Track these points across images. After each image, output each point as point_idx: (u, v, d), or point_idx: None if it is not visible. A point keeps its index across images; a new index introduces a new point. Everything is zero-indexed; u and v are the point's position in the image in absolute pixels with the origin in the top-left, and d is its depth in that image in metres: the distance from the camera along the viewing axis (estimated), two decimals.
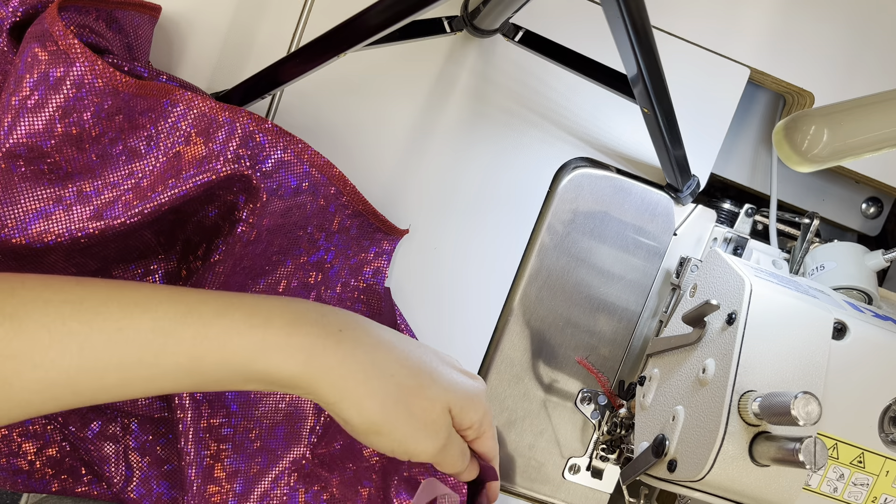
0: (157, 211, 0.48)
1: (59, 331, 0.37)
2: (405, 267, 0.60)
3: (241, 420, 0.55)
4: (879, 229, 0.72)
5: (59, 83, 0.43)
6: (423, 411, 0.42)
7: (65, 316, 0.37)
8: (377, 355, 0.41)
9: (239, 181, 0.50)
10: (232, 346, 0.39)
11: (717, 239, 0.63)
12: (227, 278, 0.52)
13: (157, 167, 0.48)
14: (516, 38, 0.56)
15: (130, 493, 0.53)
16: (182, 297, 0.40)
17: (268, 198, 0.50)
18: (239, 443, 0.54)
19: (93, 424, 0.54)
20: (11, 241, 0.44)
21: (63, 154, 0.45)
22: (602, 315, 0.62)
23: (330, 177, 0.53)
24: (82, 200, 0.46)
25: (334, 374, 0.40)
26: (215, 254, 0.51)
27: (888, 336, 0.51)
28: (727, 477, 0.46)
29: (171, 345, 0.38)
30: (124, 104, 0.46)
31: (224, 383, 0.40)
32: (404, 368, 0.41)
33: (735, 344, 0.47)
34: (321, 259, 0.56)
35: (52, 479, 0.53)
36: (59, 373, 0.37)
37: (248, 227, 0.50)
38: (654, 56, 0.46)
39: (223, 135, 0.50)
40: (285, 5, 0.57)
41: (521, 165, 0.61)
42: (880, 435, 0.50)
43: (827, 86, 0.62)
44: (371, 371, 0.40)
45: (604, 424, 0.63)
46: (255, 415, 0.55)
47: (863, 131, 0.41)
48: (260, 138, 0.50)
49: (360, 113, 0.59)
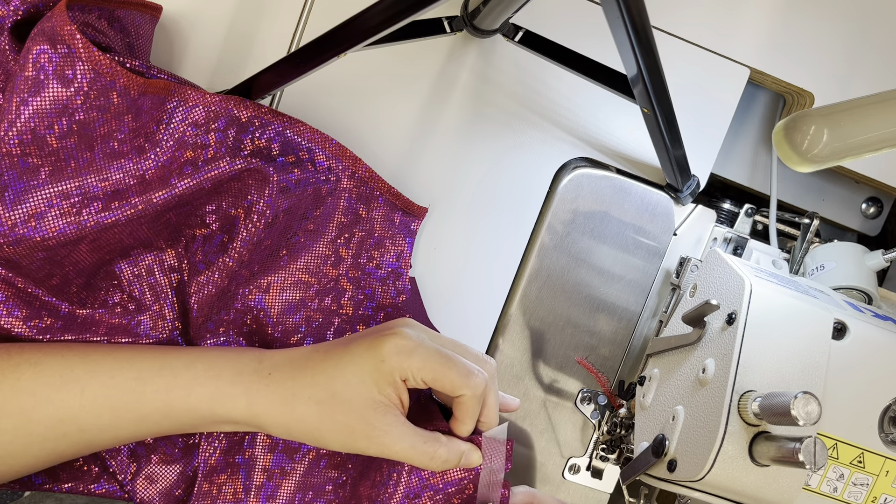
0: (168, 205, 0.48)
1: (68, 376, 0.47)
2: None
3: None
4: (879, 229, 0.72)
5: (68, 82, 0.43)
6: (344, 414, 0.47)
7: (73, 365, 0.47)
8: (296, 385, 0.48)
9: (250, 174, 0.50)
10: (195, 394, 0.48)
11: (717, 239, 0.63)
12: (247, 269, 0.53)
13: (166, 163, 0.48)
14: (516, 39, 0.56)
15: (137, 486, 0.53)
16: (161, 353, 0.49)
17: (280, 188, 0.51)
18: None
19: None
20: (21, 237, 0.45)
21: (71, 152, 0.45)
22: (602, 315, 0.62)
23: (344, 159, 0.54)
24: (90, 197, 0.47)
25: (271, 411, 0.48)
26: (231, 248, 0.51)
27: (888, 336, 0.51)
28: (727, 477, 0.46)
29: (149, 392, 0.47)
30: (132, 102, 0.46)
31: (197, 426, 0.49)
32: (317, 386, 0.48)
33: (735, 344, 0.47)
34: (340, 244, 0.56)
35: (59, 471, 0.53)
36: (67, 410, 0.46)
37: (261, 217, 0.50)
38: (654, 56, 0.46)
39: (234, 129, 0.50)
40: (285, 5, 0.57)
41: (521, 165, 0.61)
42: (880, 435, 0.50)
43: (827, 86, 0.62)
44: (293, 401, 0.48)
45: (604, 424, 0.63)
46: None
47: (863, 131, 0.41)
48: (272, 128, 0.51)
49: (360, 113, 0.59)
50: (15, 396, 0.46)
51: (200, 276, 0.52)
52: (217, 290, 0.52)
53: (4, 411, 0.46)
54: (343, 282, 0.56)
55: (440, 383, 0.48)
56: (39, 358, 0.47)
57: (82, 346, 0.49)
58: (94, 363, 0.48)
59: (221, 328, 0.54)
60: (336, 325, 0.56)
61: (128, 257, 0.52)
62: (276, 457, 0.54)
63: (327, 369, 0.48)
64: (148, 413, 0.48)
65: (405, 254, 0.58)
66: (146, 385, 0.48)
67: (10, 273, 0.48)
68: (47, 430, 0.46)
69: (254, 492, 0.53)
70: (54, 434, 0.47)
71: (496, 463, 0.51)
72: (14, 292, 0.48)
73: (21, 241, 0.45)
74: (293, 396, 0.48)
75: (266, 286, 0.54)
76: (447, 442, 0.49)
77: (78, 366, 0.47)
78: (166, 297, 0.53)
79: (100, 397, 0.47)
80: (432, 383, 0.48)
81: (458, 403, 0.49)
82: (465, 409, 0.49)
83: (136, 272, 0.53)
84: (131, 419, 0.48)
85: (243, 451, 0.54)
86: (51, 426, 0.46)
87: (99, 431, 0.48)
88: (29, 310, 0.49)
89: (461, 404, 0.49)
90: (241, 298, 0.54)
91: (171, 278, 0.54)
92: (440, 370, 0.47)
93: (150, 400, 0.47)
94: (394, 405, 0.48)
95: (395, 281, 0.58)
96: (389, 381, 0.47)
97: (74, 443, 0.48)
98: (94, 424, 0.47)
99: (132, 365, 0.48)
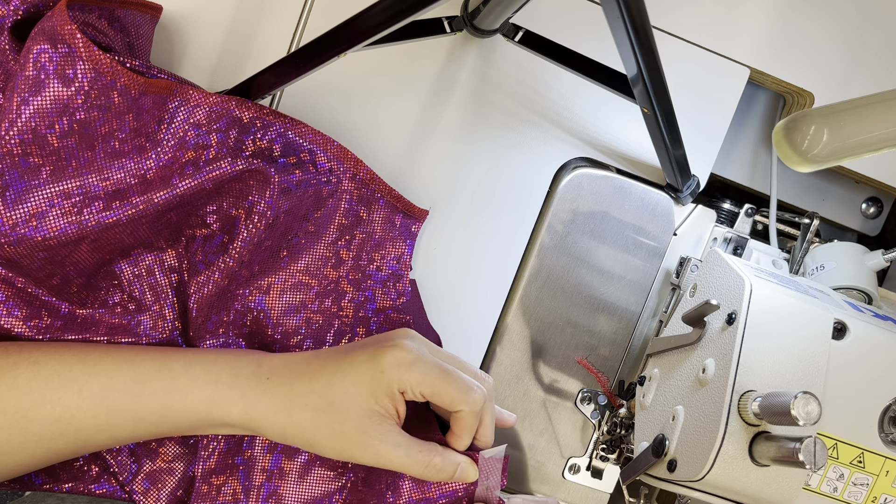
0: (169, 205, 0.49)
1: (66, 376, 0.47)
2: None
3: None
4: (879, 229, 0.72)
5: (69, 82, 0.43)
6: (340, 423, 0.47)
7: (71, 365, 0.47)
8: (293, 392, 0.48)
9: (251, 174, 0.50)
10: (193, 397, 0.48)
11: (716, 239, 0.63)
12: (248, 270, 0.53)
13: (167, 163, 0.48)
14: (516, 38, 0.56)
15: (137, 486, 0.53)
16: (160, 355, 0.49)
17: (281, 189, 0.51)
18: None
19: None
20: (22, 237, 0.45)
21: (72, 151, 0.45)
22: (602, 315, 0.62)
23: (345, 161, 0.54)
24: (92, 197, 0.47)
25: (267, 416, 0.48)
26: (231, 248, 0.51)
27: (888, 336, 0.51)
28: (727, 477, 0.46)
29: (147, 394, 0.47)
30: (133, 102, 0.46)
31: (194, 428, 0.49)
32: (314, 393, 0.48)
33: (735, 344, 0.47)
34: (341, 245, 0.56)
35: (60, 471, 0.53)
36: (64, 410, 0.46)
37: (262, 218, 0.50)
38: (654, 56, 0.46)
39: (236, 130, 0.50)
40: (285, 5, 0.57)
41: (521, 165, 0.61)
42: (880, 435, 0.50)
43: (827, 86, 0.62)
44: (290, 407, 0.48)
45: (604, 424, 0.63)
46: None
47: (863, 131, 0.41)
48: (273, 129, 0.51)
49: (359, 113, 0.59)
50: (12, 395, 0.46)
51: (200, 276, 0.52)
52: (217, 290, 0.52)
53: (1, 409, 0.46)
54: (343, 284, 0.56)
55: (439, 398, 0.48)
56: (38, 357, 0.47)
57: (81, 347, 0.49)
58: (92, 364, 0.48)
59: (221, 329, 0.54)
60: (336, 328, 0.56)
61: (128, 257, 0.52)
62: (275, 457, 0.54)
63: (325, 376, 0.48)
64: (145, 415, 0.48)
65: (405, 256, 0.58)
66: (144, 387, 0.48)
67: (11, 273, 0.48)
68: (44, 429, 0.46)
69: (253, 492, 0.53)
70: (51, 433, 0.47)
71: (492, 480, 0.51)
72: (14, 292, 0.48)
73: (22, 241, 0.45)
74: (290, 402, 0.48)
75: (266, 287, 0.54)
76: (443, 452, 0.49)
77: (76, 366, 0.47)
78: (166, 297, 0.53)
79: (97, 398, 0.47)
80: (431, 397, 0.48)
81: (455, 418, 0.49)
82: (462, 424, 0.49)
83: (136, 272, 0.53)
84: (129, 420, 0.48)
85: (242, 451, 0.54)
86: (48, 425, 0.46)
87: (96, 431, 0.48)
88: (29, 309, 0.49)
89: (459, 419, 0.49)
90: (241, 299, 0.54)
91: (172, 278, 0.54)
92: (439, 385, 0.47)
93: (147, 402, 0.48)
94: (390, 416, 0.48)
95: (396, 283, 0.58)
96: (387, 392, 0.47)
97: (71, 442, 0.48)
98: (92, 424, 0.47)
99: (131, 366, 0.48)
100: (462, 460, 0.49)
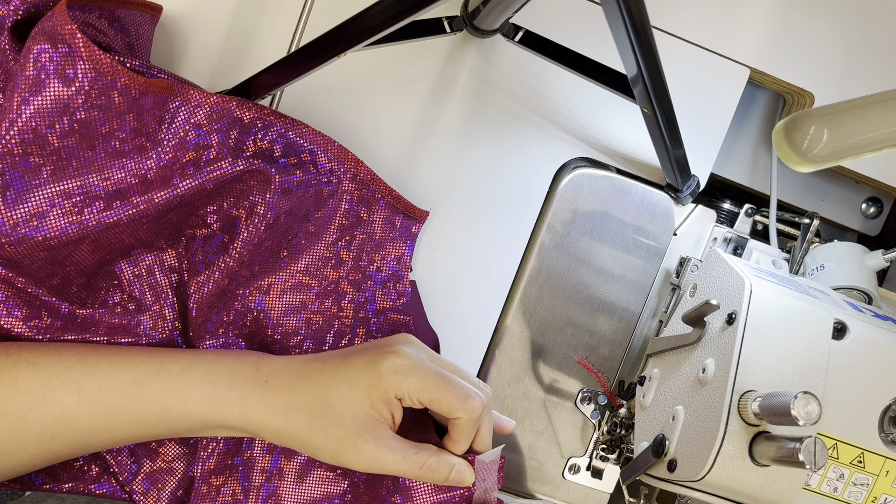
0: (169, 205, 0.49)
1: (65, 377, 0.47)
2: None
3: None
4: (879, 229, 0.72)
5: (69, 81, 0.43)
6: (336, 426, 0.47)
7: (70, 366, 0.47)
8: (291, 394, 0.48)
9: (252, 175, 0.50)
10: (192, 399, 0.48)
11: (716, 239, 0.63)
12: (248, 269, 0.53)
13: (168, 163, 0.48)
14: (516, 39, 0.56)
15: (137, 486, 0.53)
16: (159, 356, 0.49)
17: (282, 189, 0.51)
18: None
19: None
20: (23, 237, 0.45)
21: (72, 151, 0.45)
22: (602, 315, 0.62)
23: (346, 162, 0.54)
24: (92, 197, 0.47)
25: (265, 419, 0.48)
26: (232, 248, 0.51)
27: (888, 336, 0.51)
28: (727, 477, 0.46)
29: (146, 395, 0.48)
30: (133, 101, 0.46)
31: (193, 430, 0.49)
32: (312, 396, 0.48)
33: (735, 344, 0.47)
34: (341, 246, 0.56)
35: (60, 471, 0.53)
36: (63, 410, 0.46)
37: (262, 218, 0.51)
38: (654, 56, 0.46)
39: (237, 130, 0.50)
40: (285, 5, 0.57)
41: (521, 165, 0.61)
42: (880, 435, 0.50)
43: (827, 86, 0.62)
44: (288, 409, 0.48)
45: (604, 424, 0.63)
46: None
47: (863, 131, 0.41)
48: (274, 129, 0.51)
49: (359, 113, 0.59)
50: (12, 395, 0.46)
51: (200, 275, 0.52)
52: (217, 291, 0.52)
53: (1, 410, 0.46)
54: (343, 284, 0.56)
55: (437, 405, 0.48)
56: (37, 357, 0.47)
57: (80, 347, 0.49)
58: (91, 364, 0.48)
59: (221, 329, 0.54)
60: (336, 328, 0.56)
61: (128, 257, 0.52)
62: (274, 458, 0.54)
63: (323, 380, 0.48)
64: (144, 416, 0.48)
65: (406, 257, 0.58)
66: (143, 388, 0.48)
67: (11, 273, 0.48)
68: (43, 429, 0.46)
69: (253, 493, 0.53)
70: (50, 434, 0.47)
71: (489, 482, 0.51)
72: (14, 292, 0.48)
73: (23, 241, 0.45)
74: (288, 405, 0.48)
75: (266, 287, 0.54)
76: (438, 452, 0.49)
77: (75, 366, 0.47)
78: (166, 297, 0.53)
79: (96, 399, 0.47)
80: (429, 404, 0.48)
81: (453, 425, 0.49)
82: (460, 431, 0.49)
83: (136, 272, 0.53)
84: (127, 421, 0.48)
85: (242, 452, 0.54)
86: (47, 426, 0.46)
87: (95, 432, 0.48)
88: (29, 310, 0.49)
89: (457, 426, 0.49)
90: (241, 299, 0.54)
91: (172, 278, 0.54)
92: (437, 392, 0.48)
93: (146, 403, 0.48)
94: (385, 421, 0.48)
95: (396, 284, 0.58)
96: (384, 398, 0.47)
97: (70, 443, 0.48)
98: (90, 425, 0.47)
99: (130, 367, 0.48)
100: (458, 462, 0.49)
